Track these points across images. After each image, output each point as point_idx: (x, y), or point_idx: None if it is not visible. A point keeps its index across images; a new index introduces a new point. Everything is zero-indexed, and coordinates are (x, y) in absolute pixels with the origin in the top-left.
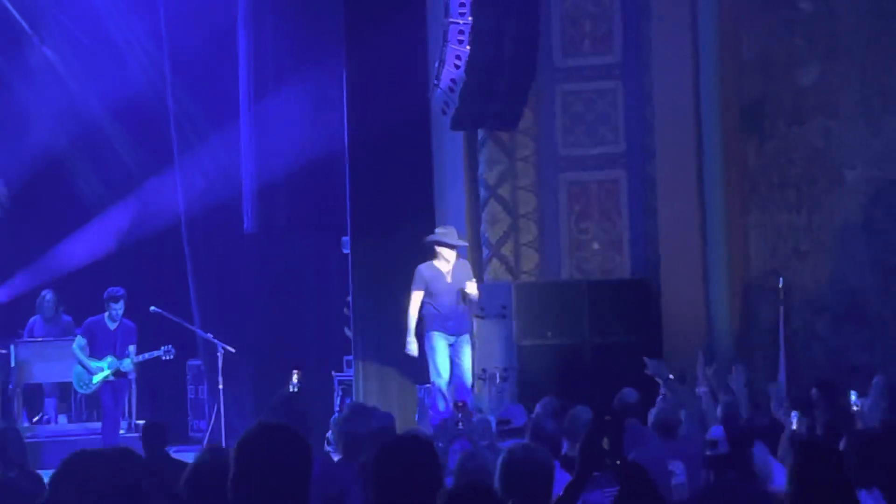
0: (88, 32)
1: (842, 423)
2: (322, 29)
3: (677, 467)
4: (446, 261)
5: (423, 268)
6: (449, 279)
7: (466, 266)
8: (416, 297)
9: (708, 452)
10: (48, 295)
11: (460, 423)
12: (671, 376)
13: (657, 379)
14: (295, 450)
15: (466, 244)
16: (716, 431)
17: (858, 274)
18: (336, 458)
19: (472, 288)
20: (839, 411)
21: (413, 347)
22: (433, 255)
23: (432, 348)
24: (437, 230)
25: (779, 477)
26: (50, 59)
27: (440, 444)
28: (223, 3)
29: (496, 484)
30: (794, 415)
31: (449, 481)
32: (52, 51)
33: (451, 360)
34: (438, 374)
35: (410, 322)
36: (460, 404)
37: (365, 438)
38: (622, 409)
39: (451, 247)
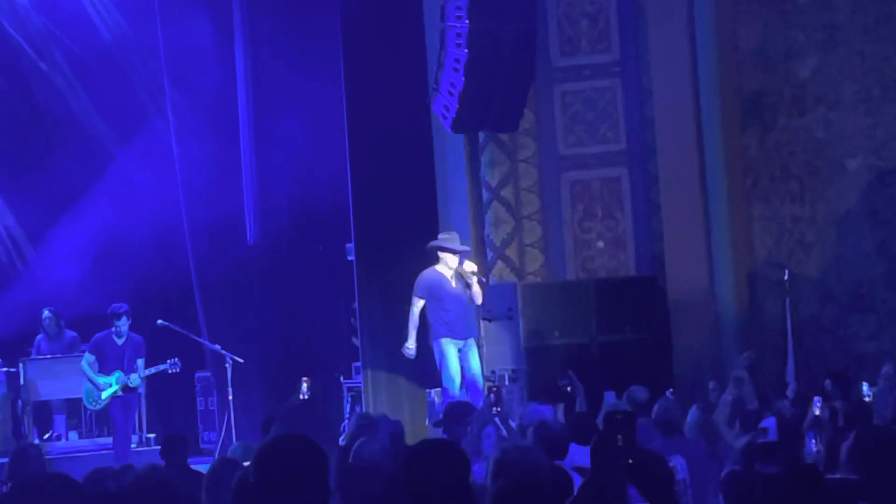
0: (89, 51)
1: (860, 414)
2: (319, 37)
3: (679, 462)
4: (449, 266)
5: (426, 274)
6: (453, 283)
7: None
8: (418, 304)
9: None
10: (47, 312)
11: (495, 408)
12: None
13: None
14: (313, 458)
15: (469, 249)
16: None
17: (863, 263)
18: None
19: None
20: (853, 401)
21: (411, 350)
22: (436, 260)
23: (443, 355)
24: (440, 235)
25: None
26: (56, 84)
27: (474, 429)
28: (220, 13)
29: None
30: (817, 401)
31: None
32: (57, 73)
33: (460, 364)
34: (451, 381)
35: (410, 327)
36: (495, 389)
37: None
38: (632, 406)
39: (453, 252)
